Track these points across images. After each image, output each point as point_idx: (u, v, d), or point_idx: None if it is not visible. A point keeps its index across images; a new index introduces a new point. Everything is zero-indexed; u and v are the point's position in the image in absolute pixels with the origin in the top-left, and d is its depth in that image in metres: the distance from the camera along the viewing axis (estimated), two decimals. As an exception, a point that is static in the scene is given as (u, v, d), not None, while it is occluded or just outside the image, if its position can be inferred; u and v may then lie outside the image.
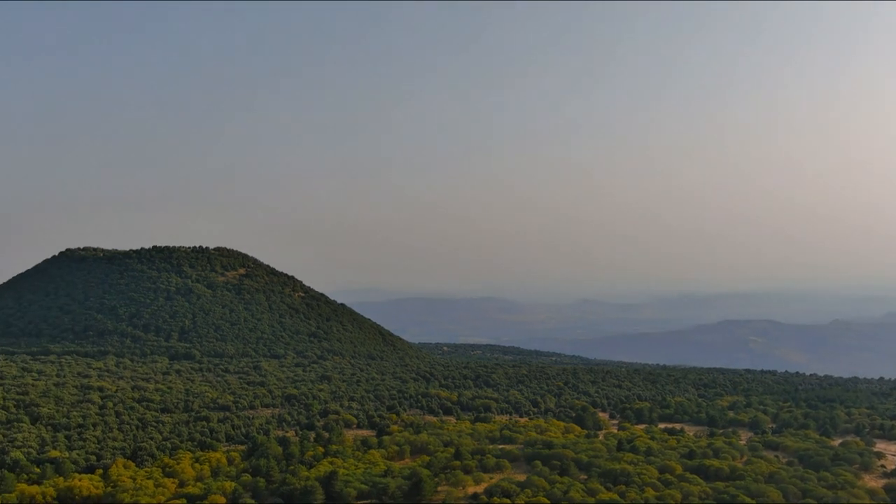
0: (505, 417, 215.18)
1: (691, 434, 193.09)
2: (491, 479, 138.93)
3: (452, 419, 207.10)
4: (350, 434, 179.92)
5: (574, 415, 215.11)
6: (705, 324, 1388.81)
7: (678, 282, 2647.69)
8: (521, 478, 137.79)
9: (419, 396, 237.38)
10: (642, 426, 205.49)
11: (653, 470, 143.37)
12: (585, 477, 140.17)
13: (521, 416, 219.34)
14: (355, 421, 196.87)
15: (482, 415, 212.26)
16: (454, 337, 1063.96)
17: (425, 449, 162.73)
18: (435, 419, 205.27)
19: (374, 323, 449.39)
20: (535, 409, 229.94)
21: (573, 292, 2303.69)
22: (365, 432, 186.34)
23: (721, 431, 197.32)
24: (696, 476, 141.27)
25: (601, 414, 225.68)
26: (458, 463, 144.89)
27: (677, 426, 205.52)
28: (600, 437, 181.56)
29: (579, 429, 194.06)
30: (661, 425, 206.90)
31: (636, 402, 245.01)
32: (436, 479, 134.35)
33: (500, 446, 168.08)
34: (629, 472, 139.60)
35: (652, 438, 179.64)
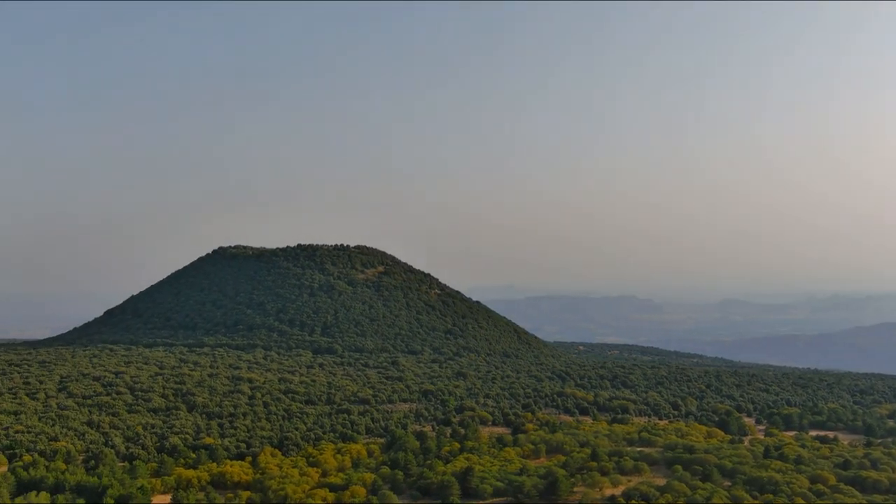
0: (643, 419, 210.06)
1: (846, 443, 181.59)
2: (629, 481, 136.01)
3: (589, 419, 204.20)
4: (485, 431, 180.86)
5: (717, 419, 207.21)
6: (861, 326, 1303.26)
7: (829, 281, 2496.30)
8: (661, 482, 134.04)
9: (554, 395, 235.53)
10: (791, 433, 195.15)
11: (803, 479, 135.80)
12: (729, 484, 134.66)
13: (660, 419, 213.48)
14: (490, 418, 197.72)
15: (619, 416, 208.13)
16: (590, 336, 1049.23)
17: (561, 449, 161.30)
18: (571, 419, 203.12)
19: (510, 321, 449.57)
20: (676, 412, 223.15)
21: (715, 292, 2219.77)
22: (500, 430, 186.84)
23: (879, 441, 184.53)
24: (851, 488, 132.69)
25: (746, 419, 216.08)
26: (594, 464, 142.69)
27: (830, 434, 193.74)
28: (745, 443, 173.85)
29: (722, 434, 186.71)
30: (812, 433, 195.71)
31: (785, 407, 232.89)
32: (572, 479, 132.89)
33: (639, 449, 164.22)
34: (777, 480, 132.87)
35: (802, 446, 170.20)
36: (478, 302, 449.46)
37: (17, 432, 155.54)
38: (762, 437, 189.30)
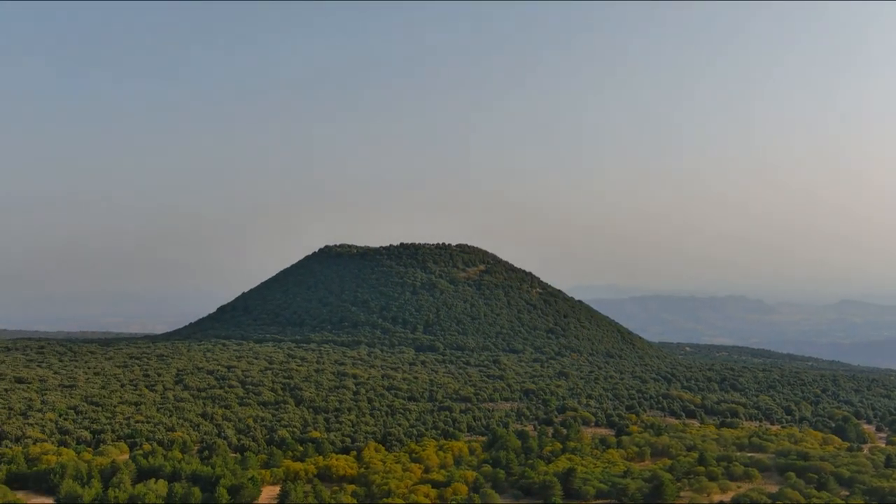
0: (754, 424, 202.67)
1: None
2: (738, 488, 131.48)
3: (696, 423, 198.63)
4: (588, 432, 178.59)
5: (833, 425, 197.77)
6: None
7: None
8: (773, 489, 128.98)
9: (659, 397, 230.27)
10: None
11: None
12: (847, 493, 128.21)
13: (771, 424, 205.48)
14: (593, 419, 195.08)
15: (728, 420, 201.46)
16: (697, 337, 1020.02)
17: (666, 452, 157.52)
18: (677, 422, 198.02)
19: (612, 321, 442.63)
20: (788, 417, 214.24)
21: (831, 293, 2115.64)
22: (603, 431, 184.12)
23: None
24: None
25: (865, 426, 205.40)
26: (702, 469, 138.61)
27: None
28: (864, 451, 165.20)
29: (839, 441, 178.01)
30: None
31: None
32: (678, 483, 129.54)
33: (749, 454, 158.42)
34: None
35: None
36: (580, 301, 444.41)
37: (137, 422, 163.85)
38: (883, 445, 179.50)
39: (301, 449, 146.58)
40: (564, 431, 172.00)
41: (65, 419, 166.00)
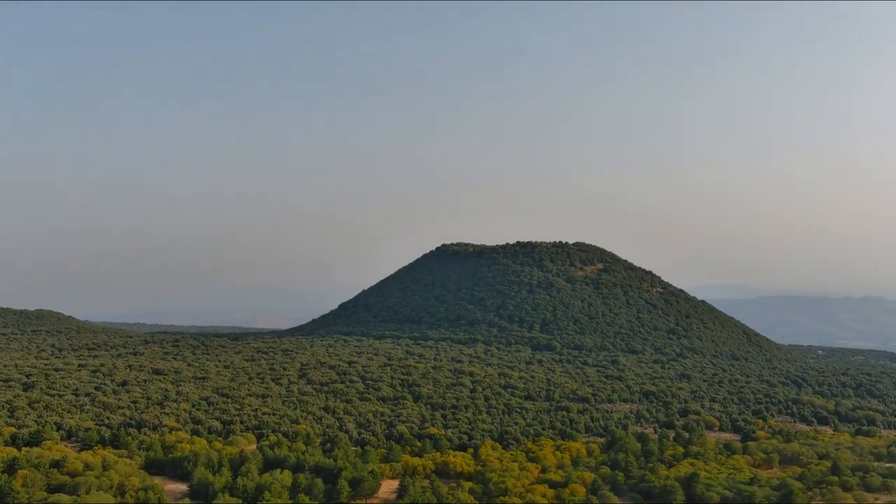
0: (893, 433, 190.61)
1: None
2: (876, 500, 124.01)
3: (828, 430, 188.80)
4: (711, 436, 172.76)
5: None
6: None
7: None
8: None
9: (789, 402, 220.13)
10: None
11: None
12: None
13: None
14: (717, 423, 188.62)
15: (864, 428, 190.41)
16: (829, 340, 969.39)
17: (796, 459, 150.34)
18: (808, 428, 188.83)
19: (738, 322, 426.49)
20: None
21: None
22: (727, 436, 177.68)
23: None
24: None
25: None
26: (835, 478, 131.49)
27: None
28: None
29: None
30: None
31: None
32: (809, 493, 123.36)
33: (888, 465, 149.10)
34: None
35: None
36: (703, 301, 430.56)
37: (264, 414, 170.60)
38: None
39: (419, 445, 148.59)
40: (686, 435, 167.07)
41: (197, 409, 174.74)
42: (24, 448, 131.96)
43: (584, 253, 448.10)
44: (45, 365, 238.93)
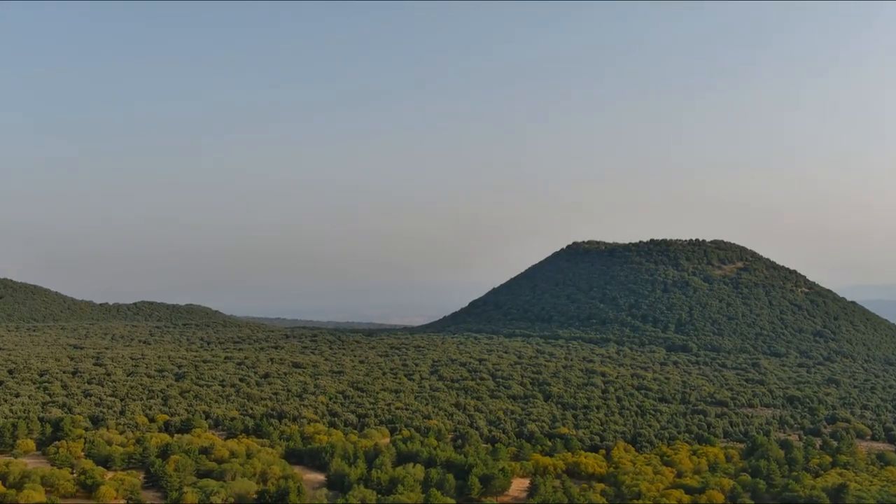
0: None
1: None
2: None
3: None
4: (862, 446, 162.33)
5: None
6: None
7: None
8: None
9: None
10: None
11: None
12: None
13: None
14: (869, 432, 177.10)
15: None
16: None
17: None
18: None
19: (893, 325, 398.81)
20: None
21: None
22: (881, 445, 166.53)
23: None
24: None
25: None
26: None
27: None
28: None
29: None
30: None
31: None
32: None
33: None
34: None
35: None
36: (853, 302, 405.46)
37: (397, 409, 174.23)
38: None
39: (549, 444, 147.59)
40: (835, 444, 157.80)
41: (334, 402, 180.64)
42: (175, 435, 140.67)
43: (723, 251, 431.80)
44: (195, 357, 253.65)
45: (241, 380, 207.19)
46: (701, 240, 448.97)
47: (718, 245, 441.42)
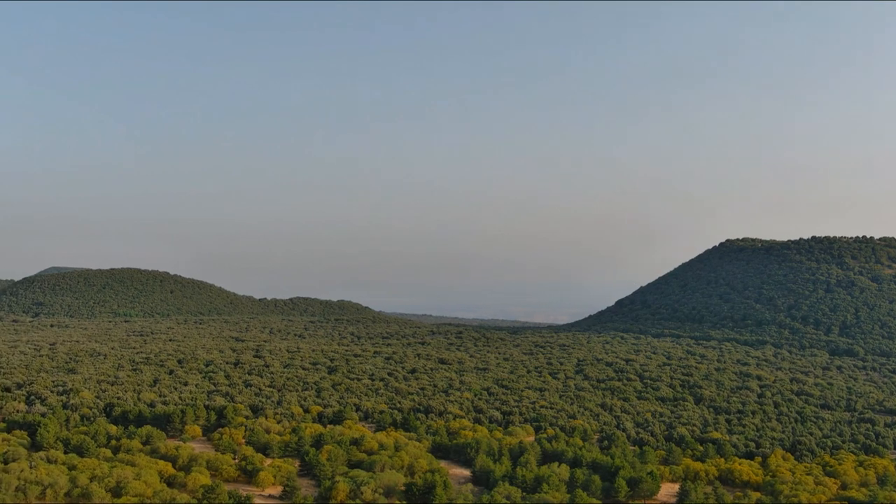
0: None
1: None
2: None
3: None
4: None
5: None
6: None
7: None
8: None
9: None
10: None
11: None
12: None
13: None
14: None
15: None
16: None
17: None
18: None
19: None
20: None
21: None
22: None
23: None
24: None
25: None
26: None
27: None
28: None
29: None
30: None
31: None
32: None
33: None
34: None
35: None
36: None
37: (541, 407, 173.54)
38: None
39: (701, 449, 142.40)
40: None
41: (479, 399, 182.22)
42: (328, 425, 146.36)
43: (894, 249, 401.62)
44: (346, 351, 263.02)
45: (389, 374, 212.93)
46: (869, 237, 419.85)
47: (888, 242, 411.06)
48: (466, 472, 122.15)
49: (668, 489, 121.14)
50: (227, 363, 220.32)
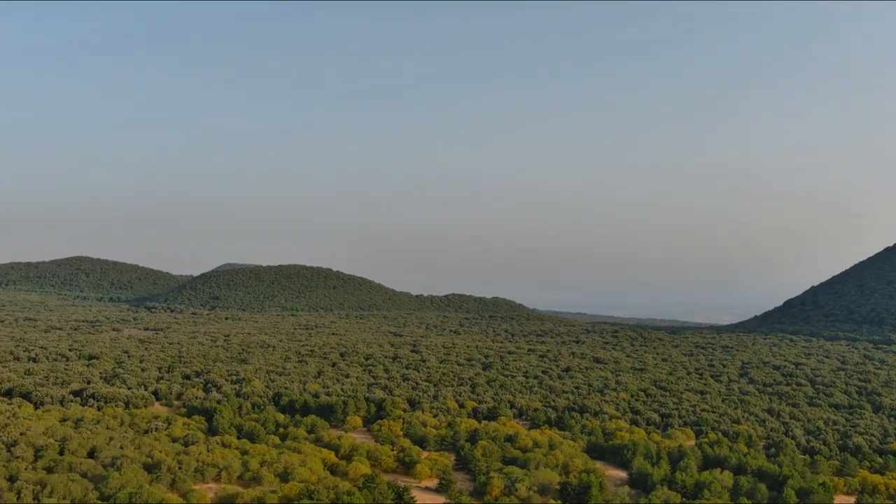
0: None
1: None
2: None
3: None
4: None
5: None
6: None
7: None
8: None
9: None
10: None
11: None
12: None
13: None
14: None
15: None
16: None
17: None
18: None
19: None
20: None
21: None
22: None
23: None
24: None
25: None
26: None
27: None
28: None
29: None
30: None
31: None
32: None
33: None
34: None
35: None
36: None
37: (702, 410, 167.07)
38: None
39: (880, 461, 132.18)
40: None
41: (636, 400, 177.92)
42: (482, 421, 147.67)
43: None
44: (500, 348, 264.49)
45: (543, 372, 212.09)
46: None
47: None
48: (623, 474, 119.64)
49: (843, 501, 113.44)
50: (385, 357, 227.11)
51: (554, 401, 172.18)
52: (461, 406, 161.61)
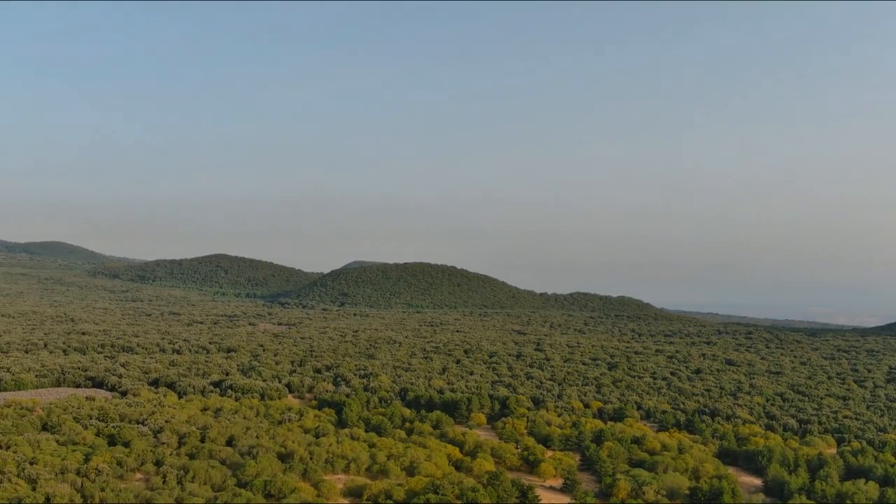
0: None
1: None
2: None
3: None
4: None
5: None
6: None
7: None
8: None
9: None
10: None
11: None
12: None
13: None
14: None
15: None
16: None
17: None
18: None
19: None
20: None
21: None
22: None
23: None
24: None
25: None
26: None
27: None
28: None
29: None
30: None
31: None
32: None
33: None
34: None
35: None
36: None
37: (845, 417, 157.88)
38: None
39: None
40: None
41: (771, 404, 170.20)
42: (608, 422, 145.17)
43: None
44: (626, 348, 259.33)
45: (672, 373, 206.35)
46: None
47: None
48: (756, 482, 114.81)
49: None
50: (509, 355, 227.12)
51: (683, 403, 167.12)
52: (586, 406, 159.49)
